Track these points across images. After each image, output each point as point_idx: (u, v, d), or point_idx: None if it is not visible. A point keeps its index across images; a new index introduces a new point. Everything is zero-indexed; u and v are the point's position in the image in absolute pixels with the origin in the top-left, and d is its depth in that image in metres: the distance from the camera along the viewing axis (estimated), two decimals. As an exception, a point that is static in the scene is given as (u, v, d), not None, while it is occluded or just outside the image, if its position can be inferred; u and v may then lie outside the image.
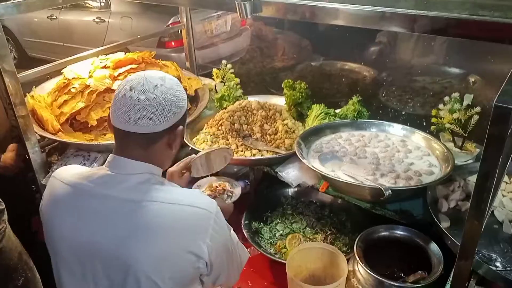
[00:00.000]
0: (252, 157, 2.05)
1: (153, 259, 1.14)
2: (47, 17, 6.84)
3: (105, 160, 1.28)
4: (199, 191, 1.32)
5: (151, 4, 5.68)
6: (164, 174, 1.34)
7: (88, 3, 6.58)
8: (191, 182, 1.94)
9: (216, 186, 2.01)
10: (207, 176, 1.97)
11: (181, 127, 1.26)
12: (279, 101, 2.50)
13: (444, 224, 1.59)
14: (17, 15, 6.48)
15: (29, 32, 7.27)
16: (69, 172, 1.30)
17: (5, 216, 1.55)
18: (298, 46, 3.57)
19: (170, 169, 1.63)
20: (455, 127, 1.93)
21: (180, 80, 2.54)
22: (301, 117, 2.39)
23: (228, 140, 2.17)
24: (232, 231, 1.37)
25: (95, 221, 1.18)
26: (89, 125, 2.36)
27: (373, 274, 1.51)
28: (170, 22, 5.34)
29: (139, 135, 1.19)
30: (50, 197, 1.29)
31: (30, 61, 7.00)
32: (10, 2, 1.99)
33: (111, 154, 1.26)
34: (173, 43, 5.43)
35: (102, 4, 6.38)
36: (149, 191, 1.18)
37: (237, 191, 1.97)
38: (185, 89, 2.28)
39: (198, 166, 1.72)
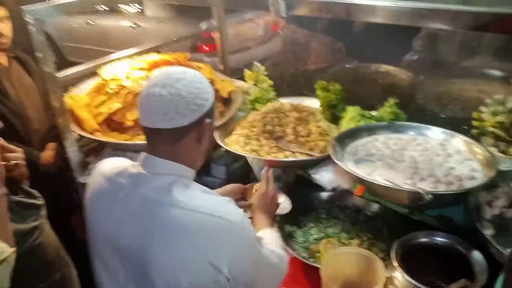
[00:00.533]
0: (286, 159, 2.03)
1: (170, 264, 1.12)
2: (85, 22, 7.05)
3: None
4: (227, 199, 1.22)
5: (185, 9, 5.77)
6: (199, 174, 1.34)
7: (125, 9, 6.75)
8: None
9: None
10: None
11: (208, 120, 1.24)
12: (312, 103, 2.48)
13: (488, 232, 1.52)
14: (57, 20, 6.69)
15: (68, 37, 7.51)
16: (110, 165, 1.33)
17: (44, 212, 1.59)
18: (332, 48, 3.54)
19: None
20: (498, 131, 1.85)
21: (213, 83, 2.56)
22: (335, 119, 2.35)
23: (260, 141, 2.16)
24: (267, 243, 1.35)
25: (120, 216, 1.20)
26: (126, 126, 2.39)
27: (413, 282, 1.46)
28: (204, 25, 5.40)
29: (165, 131, 1.19)
30: (90, 189, 1.33)
31: (69, 66, 7.21)
32: (49, 4, 2.05)
33: (142, 152, 1.27)
34: (206, 48, 5.49)
35: (139, 10, 6.52)
36: (175, 194, 1.16)
37: (284, 205, 1.89)
38: (218, 91, 2.30)
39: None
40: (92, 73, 2.59)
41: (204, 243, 1.12)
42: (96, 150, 2.46)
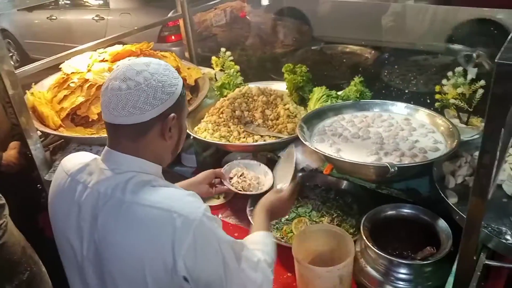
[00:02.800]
0: (255, 143, 2.03)
1: (128, 261, 1.09)
2: (47, 17, 6.85)
3: None
4: (188, 193, 1.15)
5: (150, 0, 5.68)
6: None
7: (87, 2, 6.58)
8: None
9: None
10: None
11: (173, 114, 1.16)
12: (280, 86, 2.48)
13: (452, 200, 1.56)
14: (16, 17, 6.47)
15: (30, 34, 7.30)
16: (72, 162, 1.28)
17: (6, 211, 1.55)
18: (298, 31, 3.54)
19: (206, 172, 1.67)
20: (460, 102, 1.89)
21: (179, 71, 2.53)
22: (303, 101, 2.36)
23: (229, 127, 2.15)
24: (252, 249, 1.24)
25: (79, 215, 1.16)
26: (90, 120, 2.34)
27: (381, 253, 1.49)
28: (169, 15, 5.33)
29: (126, 127, 1.12)
30: (52, 186, 1.29)
31: (32, 63, 7.00)
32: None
33: (105, 147, 1.21)
34: (173, 37, 5.42)
35: (101, 2, 6.36)
36: (132, 190, 1.11)
37: (268, 182, 1.88)
38: (185, 79, 2.26)
39: None
40: (56, 69, 2.51)
41: (159, 236, 1.06)
42: (61, 147, 2.41)
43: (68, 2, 6.93)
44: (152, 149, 1.18)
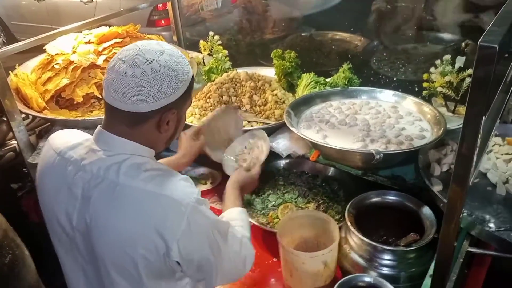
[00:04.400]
0: (242, 128, 2.01)
1: (117, 241, 1.08)
2: (34, -1, 6.69)
3: None
4: (182, 177, 1.14)
5: (139, -18, 5.56)
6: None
7: (76, -17, 6.43)
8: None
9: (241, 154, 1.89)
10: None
11: (174, 110, 1.14)
12: (269, 72, 2.46)
13: (437, 188, 1.57)
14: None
15: (17, 15, 7.12)
16: (61, 139, 1.25)
17: None
18: (289, 18, 3.50)
19: (182, 132, 1.57)
20: (447, 91, 1.89)
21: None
22: (291, 88, 2.35)
23: (217, 112, 2.13)
24: (234, 226, 1.29)
25: (70, 194, 1.14)
26: (75, 102, 2.31)
27: (365, 239, 1.49)
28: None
29: (123, 112, 1.09)
30: (41, 164, 1.26)
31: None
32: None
33: (98, 126, 1.18)
34: (163, 22, 5.33)
35: (90, -16, 6.23)
36: (124, 172, 1.09)
37: (265, 149, 1.78)
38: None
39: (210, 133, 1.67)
40: (41, 51, 2.46)
41: (151, 218, 1.06)
42: (47, 130, 2.37)
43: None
44: (146, 137, 1.16)
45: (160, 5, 5.29)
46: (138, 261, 1.07)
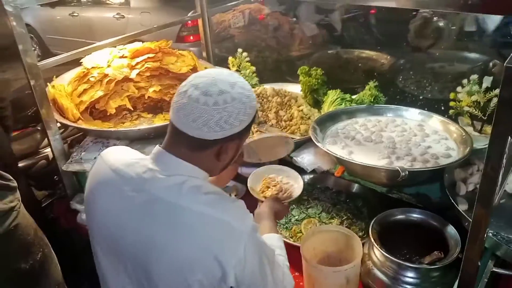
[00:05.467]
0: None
1: (173, 265, 1.08)
2: (69, 14, 6.98)
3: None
4: (237, 203, 1.17)
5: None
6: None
7: (109, 0, 6.69)
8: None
9: (272, 183, 1.85)
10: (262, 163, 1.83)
11: (236, 141, 1.18)
12: (295, 88, 2.50)
13: (462, 207, 1.57)
14: (39, 13, 6.59)
15: (52, 29, 7.43)
16: (115, 156, 1.25)
17: (18, 194, 1.61)
18: (316, 35, 3.56)
19: None
20: (474, 110, 1.89)
21: (195, 70, 2.57)
22: (317, 104, 2.39)
23: (243, 126, 2.18)
24: (277, 254, 1.30)
25: (124, 211, 1.15)
26: (108, 114, 2.40)
27: (389, 256, 1.50)
28: (189, 15, 5.41)
29: (189, 137, 1.12)
30: (93, 177, 1.26)
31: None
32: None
33: (157, 146, 1.20)
34: (191, 38, 5.48)
35: (122, 0, 6.47)
36: (184, 194, 1.11)
37: (298, 189, 1.79)
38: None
39: (251, 151, 1.62)
40: (76, 65, 2.57)
41: (211, 243, 1.07)
42: (79, 140, 2.47)
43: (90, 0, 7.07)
44: (204, 162, 1.18)
45: (190, 21, 5.45)
46: (193, 285, 1.08)
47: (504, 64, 0.75)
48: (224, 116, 1.10)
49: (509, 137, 0.88)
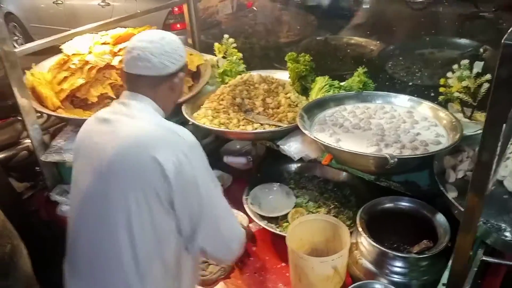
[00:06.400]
0: (254, 131, 2.00)
1: (126, 169, 1.28)
2: (53, 2, 6.80)
3: None
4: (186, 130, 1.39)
5: (156, -14, 5.62)
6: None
7: (94, -13, 6.53)
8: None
9: None
10: None
11: (182, 73, 1.47)
12: (283, 75, 2.43)
13: (452, 194, 1.53)
14: (22, 0, 6.40)
15: (36, 18, 7.25)
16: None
17: None
18: (304, 22, 3.48)
19: None
20: (464, 96, 1.85)
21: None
22: (305, 91, 2.33)
23: (229, 114, 2.12)
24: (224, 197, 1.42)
25: (97, 132, 1.39)
26: (89, 102, 2.32)
27: (377, 245, 1.46)
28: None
29: (147, 77, 1.39)
30: (79, 134, 1.48)
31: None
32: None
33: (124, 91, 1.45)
34: (178, 26, 5.37)
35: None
36: (143, 114, 1.37)
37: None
38: (187, 65, 2.30)
39: None
40: (57, 52, 2.48)
41: (156, 145, 1.27)
42: (59, 129, 2.39)
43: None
44: (162, 98, 1.44)
45: (176, 9, 5.33)
46: (147, 160, 1.28)
47: (502, 41, 0.69)
48: (171, 54, 1.41)
49: (504, 125, 0.84)
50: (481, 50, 2.32)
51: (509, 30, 0.73)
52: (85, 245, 1.37)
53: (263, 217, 1.93)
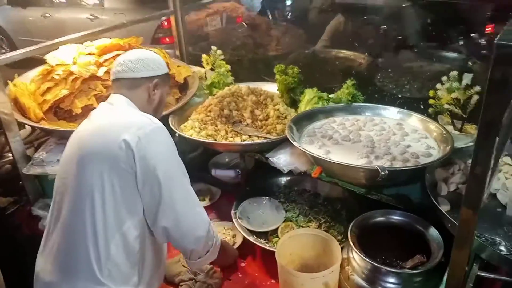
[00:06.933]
0: (242, 142, 1.96)
1: (99, 150, 1.40)
2: (41, 15, 6.76)
3: None
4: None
5: (145, 0, 5.62)
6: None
7: (83, 1, 6.50)
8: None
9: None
10: None
11: (157, 80, 1.62)
12: (271, 88, 2.41)
13: (444, 208, 1.49)
14: (10, 13, 6.34)
15: (24, 31, 7.17)
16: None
17: None
18: (293, 36, 3.48)
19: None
20: (454, 108, 1.84)
21: (168, 67, 2.45)
22: (294, 104, 2.30)
23: (217, 126, 2.07)
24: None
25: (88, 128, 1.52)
26: (74, 114, 2.26)
27: (369, 261, 1.42)
28: (164, 18, 5.28)
29: (124, 80, 1.58)
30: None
31: (24, 61, 6.90)
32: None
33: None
34: (167, 39, 5.35)
35: (96, 1, 6.29)
36: (121, 107, 1.53)
37: (239, 240, 1.94)
38: (173, 77, 2.34)
39: None
40: (43, 63, 2.43)
41: (125, 125, 1.40)
42: (43, 142, 2.32)
43: (63, 0, 6.86)
44: (139, 99, 1.59)
45: (165, 23, 5.33)
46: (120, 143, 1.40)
47: (495, 41, 0.67)
48: (145, 61, 1.60)
49: (496, 137, 0.82)
50: (470, 63, 2.32)
51: (503, 30, 0.71)
52: (60, 225, 1.44)
53: (252, 232, 1.87)
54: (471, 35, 2.51)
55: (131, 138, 1.36)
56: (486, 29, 2.49)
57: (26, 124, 2.15)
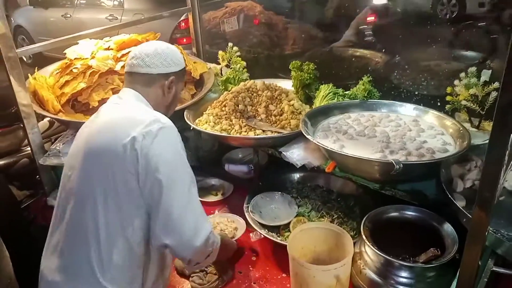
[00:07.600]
0: (255, 136, 1.96)
1: (104, 150, 1.35)
2: (62, 15, 6.90)
3: None
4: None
5: (164, 2, 5.69)
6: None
7: (102, 1, 6.61)
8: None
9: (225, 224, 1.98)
10: None
11: (173, 77, 1.55)
12: (286, 84, 2.41)
13: (459, 204, 1.47)
14: (32, 14, 6.47)
15: (44, 31, 7.32)
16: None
17: None
18: (309, 34, 3.48)
19: None
20: (472, 104, 1.81)
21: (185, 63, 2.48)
22: (309, 101, 2.30)
23: (231, 120, 2.08)
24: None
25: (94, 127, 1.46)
26: (91, 107, 2.29)
27: (382, 254, 1.40)
28: (182, 19, 5.35)
29: (140, 75, 1.52)
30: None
31: (44, 60, 7.02)
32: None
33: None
34: (184, 40, 5.40)
35: (116, 2, 6.40)
36: (131, 103, 1.48)
37: (239, 233, 1.91)
38: (190, 73, 2.34)
39: None
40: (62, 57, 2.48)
41: (134, 123, 1.36)
42: (59, 135, 2.36)
43: (84, 1, 6.99)
44: (152, 96, 1.54)
45: (183, 24, 5.39)
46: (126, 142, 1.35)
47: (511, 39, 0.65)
48: (163, 56, 1.53)
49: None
50: (488, 62, 2.29)
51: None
52: (64, 224, 1.40)
53: (263, 226, 1.87)
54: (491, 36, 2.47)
55: (137, 137, 1.31)
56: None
57: (45, 115, 2.18)
